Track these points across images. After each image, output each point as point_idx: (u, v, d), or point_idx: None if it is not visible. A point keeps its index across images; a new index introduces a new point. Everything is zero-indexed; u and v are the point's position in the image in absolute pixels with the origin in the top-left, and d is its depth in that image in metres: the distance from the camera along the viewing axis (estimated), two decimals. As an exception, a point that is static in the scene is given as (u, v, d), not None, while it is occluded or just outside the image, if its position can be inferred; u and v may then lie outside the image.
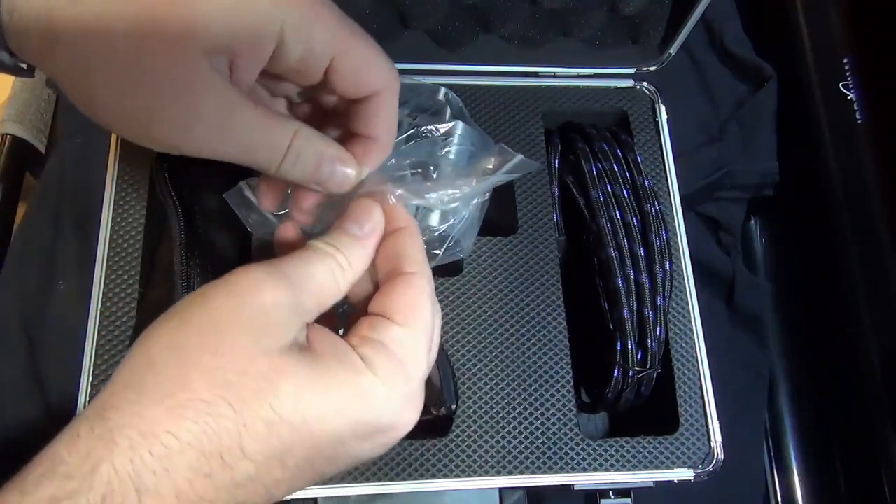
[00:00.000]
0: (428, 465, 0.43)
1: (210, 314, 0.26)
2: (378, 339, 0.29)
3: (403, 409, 0.28)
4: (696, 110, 0.63)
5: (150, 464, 0.24)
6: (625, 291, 0.46)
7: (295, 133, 0.30)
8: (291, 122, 0.31)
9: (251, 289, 0.27)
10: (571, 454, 0.44)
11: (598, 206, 0.48)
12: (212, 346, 0.26)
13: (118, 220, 0.46)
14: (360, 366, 0.28)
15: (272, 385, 0.25)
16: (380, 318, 0.29)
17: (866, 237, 0.56)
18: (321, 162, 0.32)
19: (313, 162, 0.31)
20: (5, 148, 0.57)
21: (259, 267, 0.28)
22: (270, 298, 0.27)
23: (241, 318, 0.26)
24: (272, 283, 0.27)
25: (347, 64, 0.31)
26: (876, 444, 0.53)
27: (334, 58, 0.30)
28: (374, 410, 0.27)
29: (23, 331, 0.51)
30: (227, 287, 0.27)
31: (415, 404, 0.29)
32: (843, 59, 0.60)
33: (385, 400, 0.28)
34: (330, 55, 0.30)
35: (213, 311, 0.26)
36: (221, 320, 0.26)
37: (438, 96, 0.45)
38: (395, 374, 0.28)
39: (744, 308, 0.60)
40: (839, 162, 0.59)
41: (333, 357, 0.27)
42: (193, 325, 0.26)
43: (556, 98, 0.54)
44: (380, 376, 0.28)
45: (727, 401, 0.48)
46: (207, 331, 0.26)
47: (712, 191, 0.61)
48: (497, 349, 0.46)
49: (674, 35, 0.52)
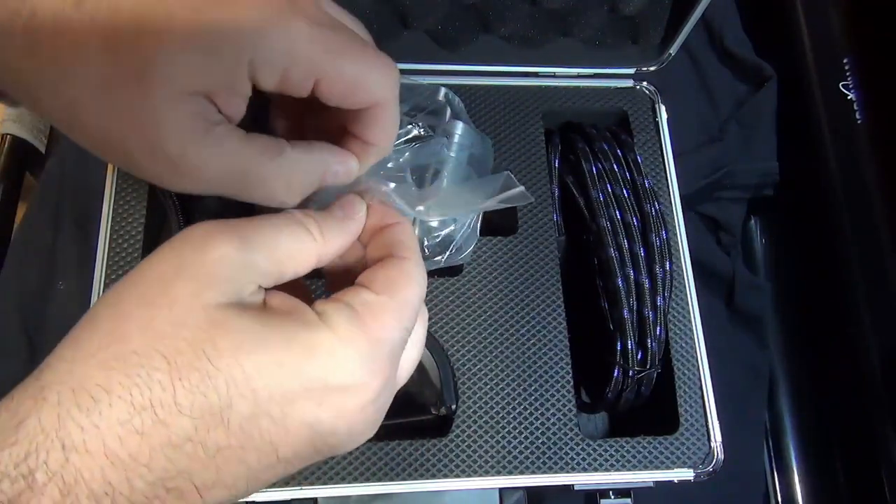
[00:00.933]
0: (428, 465, 0.43)
1: (153, 269, 0.26)
2: (345, 300, 0.27)
3: (363, 368, 0.26)
4: (696, 110, 0.63)
5: (77, 418, 0.22)
6: (625, 291, 0.46)
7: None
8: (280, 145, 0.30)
9: (197, 242, 0.26)
10: (571, 454, 0.44)
11: (598, 206, 0.48)
12: (149, 299, 0.25)
13: (118, 220, 0.46)
14: (313, 321, 0.26)
15: (209, 336, 0.24)
16: (357, 286, 0.28)
17: (866, 237, 0.56)
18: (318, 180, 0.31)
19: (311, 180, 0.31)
20: (5, 148, 0.57)
21: (212, 222, 0.27)
22: (217, 252, 0.25)
23: (183, 271, 0.25)
24: (221, 238, 0.26)
25: (332, 87, 0.29)
26: (876, 444, 0.53)
27: (318, 80, 0.28)
28: (325, 365, 0.25)
29: (23, 331, 0.51)
30: (174, 241, 0.26)
31: (379, 367, 0.27)
32: (843, 59, 0.60)
33: (341, 357, 0.26)
34: (312, 79, 0.28)
35: (157, 266, 0.26)
36: (164, 273, 0.25)
37: (438, 97, 0.45)
38: (356, 333, 0.26)
39: (744, 308, 0.60)
40: (839, 162, 0.59)
41: (285, 314, 0.26)
42: (135, 280, 0.26)
43: (556, 98, 0.54)
44: (337, 332, 0.26)
45: (727, 401, 0.48)
46: (147, 283, 0.25)
47: (712, 191, 0.61)
48: (497, 349, 0.46)
49: (674, 35, 0.52)
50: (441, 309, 0.46)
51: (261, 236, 0.27)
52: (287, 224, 0.28)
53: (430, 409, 0.44)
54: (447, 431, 0.44)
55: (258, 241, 0.27)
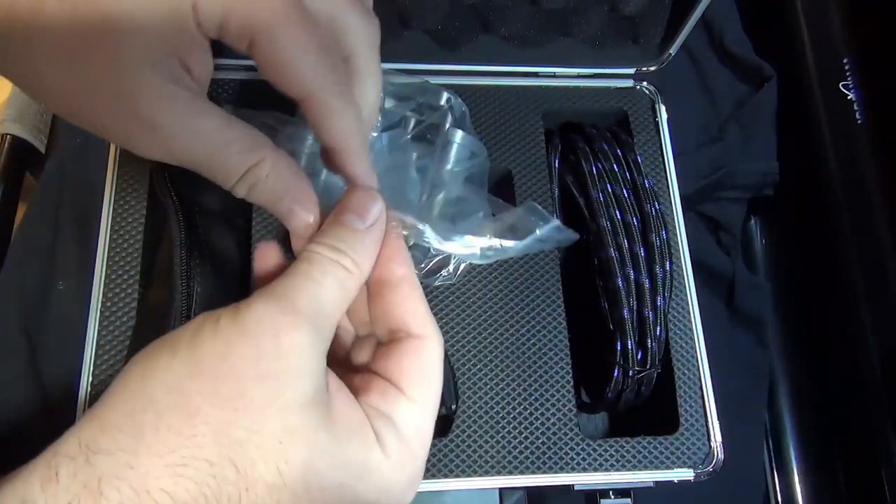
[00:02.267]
0: (428, 465, 0.43)
1: (225, 360, 0.24)
2: (388, 414, 0.27)
3: (405, 489, 0.27)
4: (696, 110, 0.63)
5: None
6: (625, 291, 0.46)
7: (255, 165, 0.28)
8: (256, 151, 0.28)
9: (267, 332, 0.24)
10: (571, 454, 0.44)
11: (598, 206, 0.48)
12: (224, 397, 0.23)
13: (118, 220, 0.46)
14: (371, 442, 0.26)
15: (283, 448, 0.24)
16: (389, 385, 0.28)
17: (866, 237, 0.56)
18: (278, 199, 0.29)
19: (269, 197, 0.29)
20: (5, 148, 0.57)
21: (269, 302, 0.25)
22: (289, 344, 0.24)
23: (258, 368, 0.24)
24: (290, 324, 0.25)
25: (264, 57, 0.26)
26: (876, 444, 0.53)
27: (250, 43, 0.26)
28: (377, 490, 0.26)
29: (23, 331, 0.51)
30: (241, 328, 0.24)
31: (416, 482, 0.28)
32: (843, 59, 0.60)
33: (390, 481, 0.27)
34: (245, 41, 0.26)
35: (228, 358, 0.24)
36: (236, 368, 0.24)
37: (441, 100, 0.46)
38: (404, 456, 0.27)
39: (744, 308, 0.60)
40: (839, 162, 0.59)
41: (349, 426, 0.26)
42: (206, 370, 0.24)
43: (556, 98, 0.54)
44: (390, 457, 0.26)
45: (727, 401, 0.48)
46: (220, 378, 0.24)
47: (712, 191, 0.61)
48: (497, 349, 0.46)
49: (674, 35, 0.52)
50: (441, 309, 0.46)
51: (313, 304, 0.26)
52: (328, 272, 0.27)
53: (430, 409, 0.44)
54: (447, 431, 0.44)
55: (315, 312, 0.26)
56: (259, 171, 0.28)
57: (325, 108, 0.28)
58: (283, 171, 0.29)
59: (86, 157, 0.55)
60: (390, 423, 0.27)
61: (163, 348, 0.25)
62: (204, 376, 0.24)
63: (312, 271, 0.26)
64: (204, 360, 0.24)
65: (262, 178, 0.28)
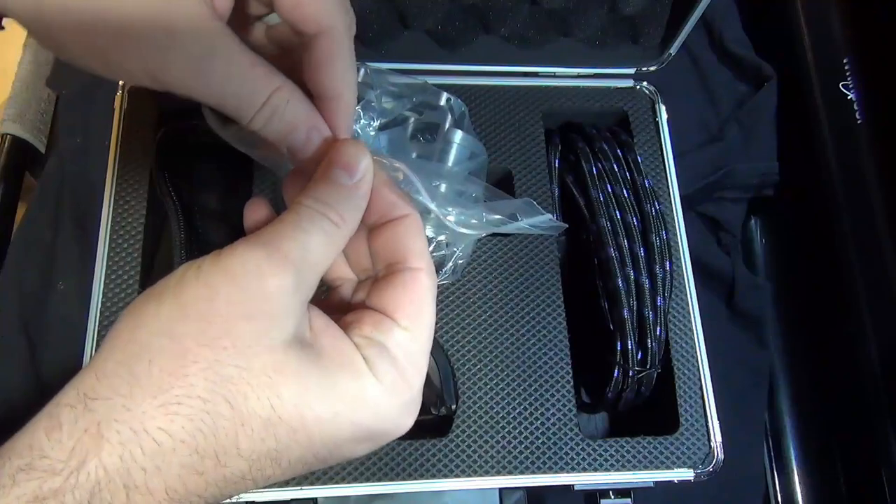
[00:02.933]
0: (428, 465, 0.43)
1: (211, 303, 0.25)
2: (381, 342, 0.28)
3: (402, 414, 0.28)
4: (696, 110, 0.63)
5: (140, 461, 0.23)
6: (625, 291, 0.46)
7: (276, 89, 0.28)
8: (276, 77, 0.28)
9: (252, 274, 0.25)
10: (571, 454, 0.44)
11: (598, 206, 0.48)
12: (211, 337, 0.24)
13: (118, 220, 0.46)
14: (363, 370, 0.27)
15: (273, 383, 0.25)
16: (382, 316, 0.29)
17: (866, 237, 0.56)
18: (295, 128, 0.29)
19: (286, 127, 0.29)
20: (5, 148, 0.57)
21: (256, 247, 0.26)
22: (274, 285, 0.25)
23: (245, 308, 0.25)
24: (274, 267, 0.25)
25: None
26: (876, 444, 0.53)
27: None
28: (373, 416, 0.27)
29: (23, 331, 0.51)
30: (226, 272, 0.25)
31: (413, 409, 0.29)
32: (843, 59, 0.60)
33: (386, 406, 0.27)
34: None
35: (214, 300, 0.25)
36: (222, 310, 0.25)
37: (441, 101, 0.45)
38: (398, 381, 0.27)
39: (744, 308, 0.60)
40: (839, 162, 0.59)
41: (338, 358, 0.27)
42: (192, 314, 0.25)
43: (556, 98, 0.54)
44: (382, 382, 0.27)
45: (727, 401, 0.48)
46: (207, 319, 0.24)
47: (712, 191, 0.61)
48: (497, 349, 0.46)
49: (674, 35, 0.52)
50: (441, 309, 0.46)
51: (298, 251, 0.26)
52: (314, 223, 0.27)
53: (430, 409, 0.44)
54: (447, 431, 0.44)
55: (300, 259, 0.26)
56: (281, 95, 0.28)
57: (337, 46, 0.29)
58: (301, 96, 0.29)
59: (86, 157, 0.55)
60: (383, 350, 0.28)
61: (149, 299, 0.25)
62: (190, 319, 0.25)
63: (300, 221, 0.27)
64: (189, 304, 0.25)
65: (282, 104, 0.28)
